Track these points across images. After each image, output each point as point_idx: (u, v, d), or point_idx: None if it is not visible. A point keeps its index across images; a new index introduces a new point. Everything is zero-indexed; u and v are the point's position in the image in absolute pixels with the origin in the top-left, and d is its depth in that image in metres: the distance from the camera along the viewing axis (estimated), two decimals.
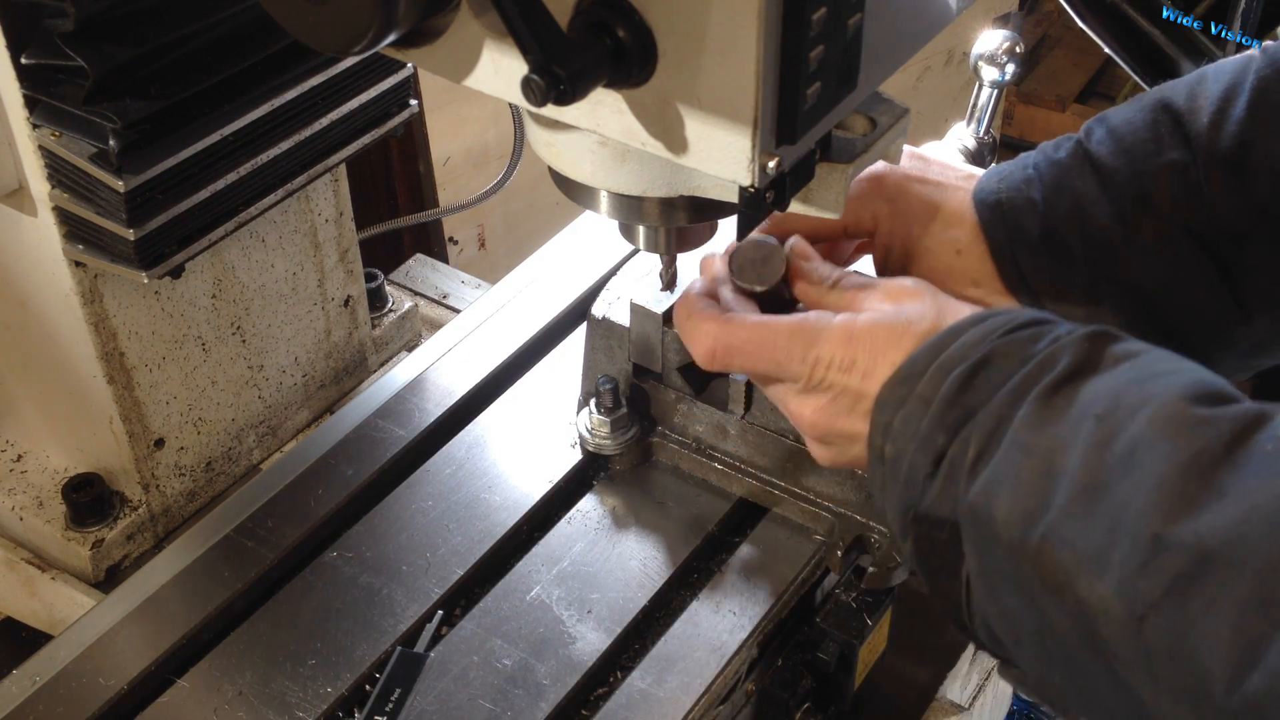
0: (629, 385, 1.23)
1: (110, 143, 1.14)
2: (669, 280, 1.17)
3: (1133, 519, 0.76)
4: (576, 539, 1.17)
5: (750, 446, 1.19)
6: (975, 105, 1.35)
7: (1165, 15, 1.50)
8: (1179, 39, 1.52)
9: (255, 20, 1.21)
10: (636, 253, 1.16)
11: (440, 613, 1.11)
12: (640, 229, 1.06)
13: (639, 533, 1.18)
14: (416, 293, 1.78)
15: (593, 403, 1.23)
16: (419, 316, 1.72)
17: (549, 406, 1.30)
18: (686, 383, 1.20)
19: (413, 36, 0.85)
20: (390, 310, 1.67)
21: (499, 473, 1.23)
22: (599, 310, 1.22)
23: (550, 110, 0.82)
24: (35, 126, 1.16)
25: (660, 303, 1.17)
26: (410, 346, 1.67)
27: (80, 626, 1.11)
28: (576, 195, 1.02)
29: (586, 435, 1.23)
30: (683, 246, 1.08)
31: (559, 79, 0.76)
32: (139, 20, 1.14)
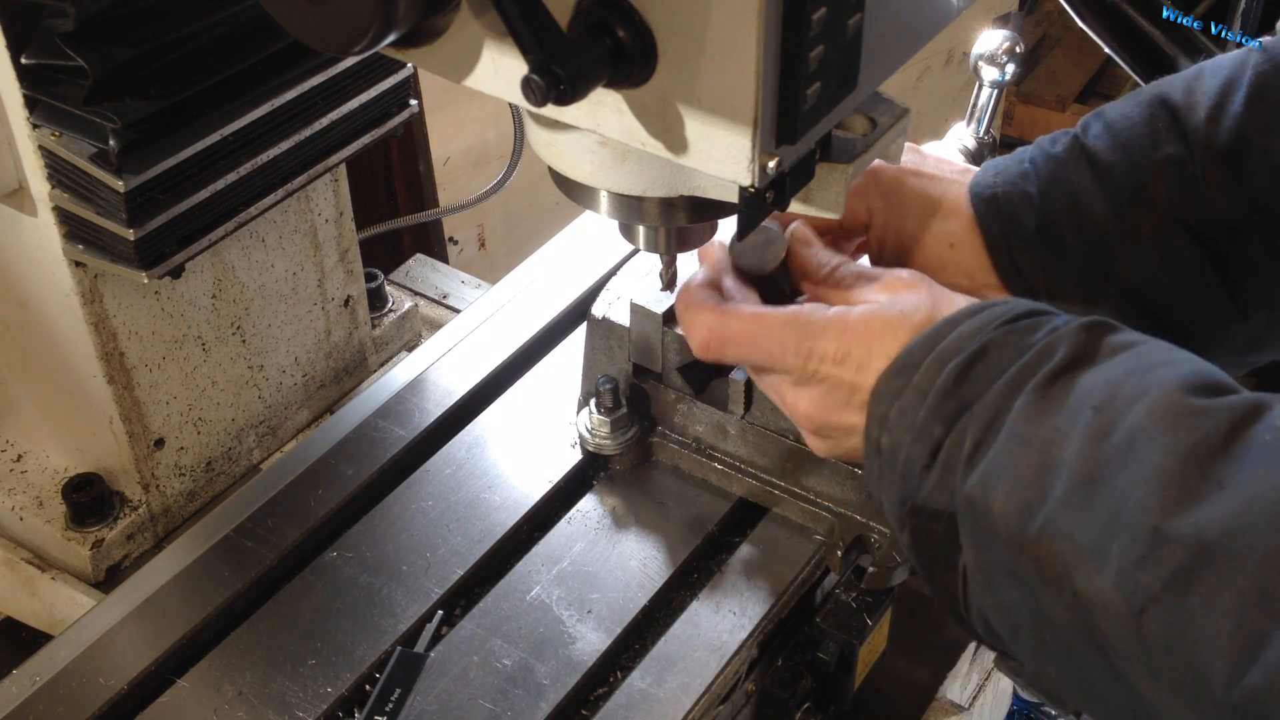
0: (629, 385, 1.23)
1: (110, 143, 1.14)
2: (669, 280, 1.17)
3: (1131, 511, 0.76)
4: (576, 539, 1.17)
5: (750, 446, 1.19)
6: (975, 105, 1.35)
7: (1165, 15, 1.50)
8: (1179, 39, 1.52)
9: (255, 20, 1.21)
10: (636, 253, 1.16)
11: (440, 613, 1.11)
12: (640, 229, 1.06)
13: (639, 533, 1.18)
14: (416, 293, 1.78)
15: (593, 403, 1.23)
16: (419, 316, 1.72)
17: (549, 406, 1.30)
18: (686, 383, 1.20)
19: (413, 36, 0.85)
20: (390, 310, 1.67)
21: (499, 473, 1.23)
22: (599, 310, 1.22)
23: (550, 110, 0.82)
24: (35, 126, 1.16)
25: (660, 303, 1.17)
26: (410, 346, 1.67)
27: (80, 626, 1.11)
28: (576, 195, 1.02)
29: (586, 435, 1.23)
30: (683, 246, 1.08)
31: (559, 79, 0.76)
32: (139, 20, 1.14)
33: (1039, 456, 0.81)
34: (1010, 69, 1.30)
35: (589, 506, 1.21)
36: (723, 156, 0.82)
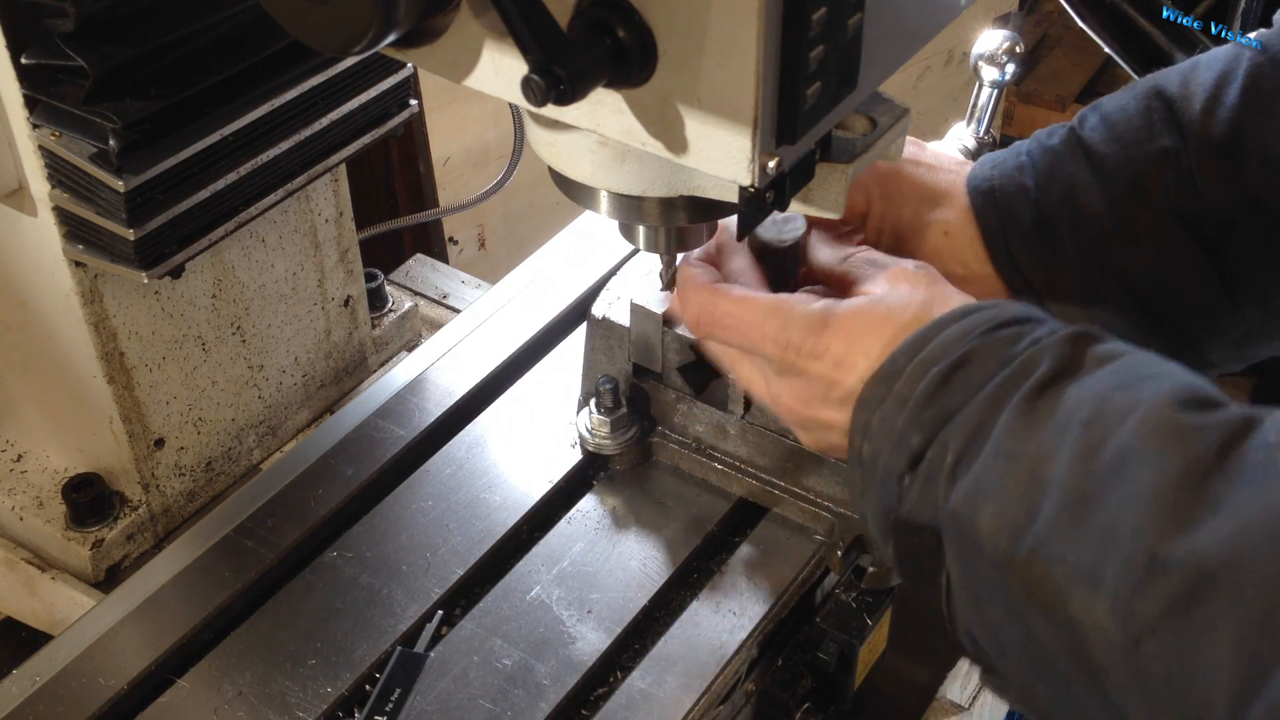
0: (629, 385, 1.23)
1: (110, 143, 1.14)
2: (669, 280, 1.17)
3: (1125, 534, 0.74)
4: (576, 539, 1.17)
5: (750, 446, 1.19)
6: (975, 105, 1.35)
7: (1165, 15, 1.50)
8: (1179, 39, 1.52)
9: (255, 20, 1.21)
10: (636, 253, 1.16)
11: (440, 613, 1.11)
12: (640, 229, 1.06)
13: (639, 533, 1.18)
14: (416, 293, 1.78)
15: (593, 403, 1.23)
16: (419, 316, 1.72)
17: (549, 406, 1.30)
18: (686, 383, 1.20)
19: (413, 36, 0.85)
20: (390, 310, 1.67)
21: (499, 473, 1.23)
22: (599, 310, 1.22)
23: (550, 110, 0.82)
24: (35, 126, 1.16)
25: (660, 303, 1.17)
26: (410, 346, 1.67)
27: (80, 626, 1.11)
28: (576, 195, 1.02)
29: (586, 435, 1.23)
30: (683, 246, 1.08)
31: (559, 79, 0.76)
32: (139, 20, 1.14)
33: (1027, 474, 0.79)
34: (1010, 69, 1.30)
35: (589, 506, 1.21)
36: (723, 156, 0.82)
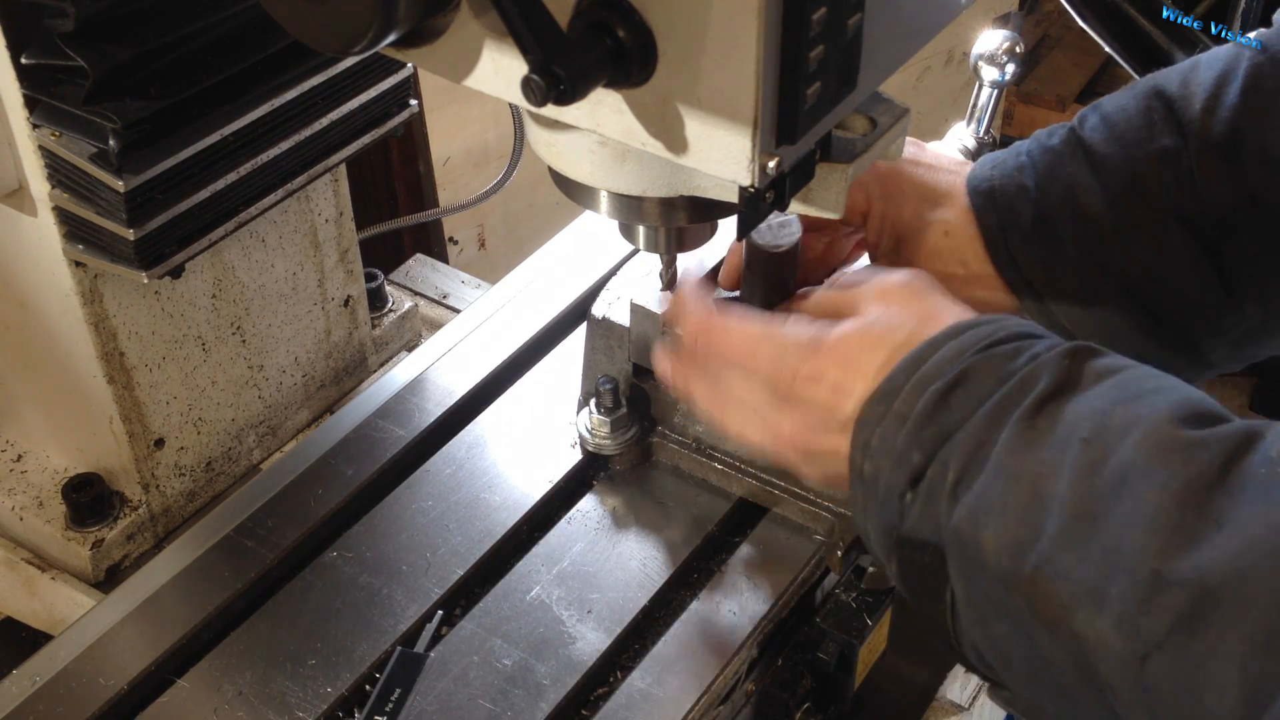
0: (629, 385, 1.23)
1: (110, 143, 1.14)
2: (669, 280, 1.17)
3: (1130, 552, 0.74)
4: (576, 539, 1.17)
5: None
6: (975, 105, 1.35)
7: (1165, 15, 1.50)
8: (1179, 38, 1.52)
9: (255, 20, 1.21)
10: (636, 253, 1.16)
11: (440, 613, 1.11)
12: (640, 229, 1.06)
13: (639, 533, 1.18)
14: (416, 293, 1.78)
15: (593, 403, 1.23)
16: (419, 316, 1.72)
17: (549, 406, 1.30)
18: None
19: (413, 36, 0.85)
20: (390, 310, 1.67)
21: (499, 473, 1.23)
22: (599, 310, 1.22)
23: (550, 110, 0.82)
24: (35, 126, 1.16)
25: (660, 303, 1.17)
26: (410, 346, 1.67)
27: (80, 626, 1.11)
28: (576, 195, 1.02)
29: (586, 435, 1.23)
30: (683, 246, 1.08)
31: (559, 79, 0.76)
32: (139, 20, 1.14)
33: (1029, 492, 0.79)
34: (1010, 69, 1.30)
35: (589, 506, 1.21)
36: (723, 156, 0.82)
